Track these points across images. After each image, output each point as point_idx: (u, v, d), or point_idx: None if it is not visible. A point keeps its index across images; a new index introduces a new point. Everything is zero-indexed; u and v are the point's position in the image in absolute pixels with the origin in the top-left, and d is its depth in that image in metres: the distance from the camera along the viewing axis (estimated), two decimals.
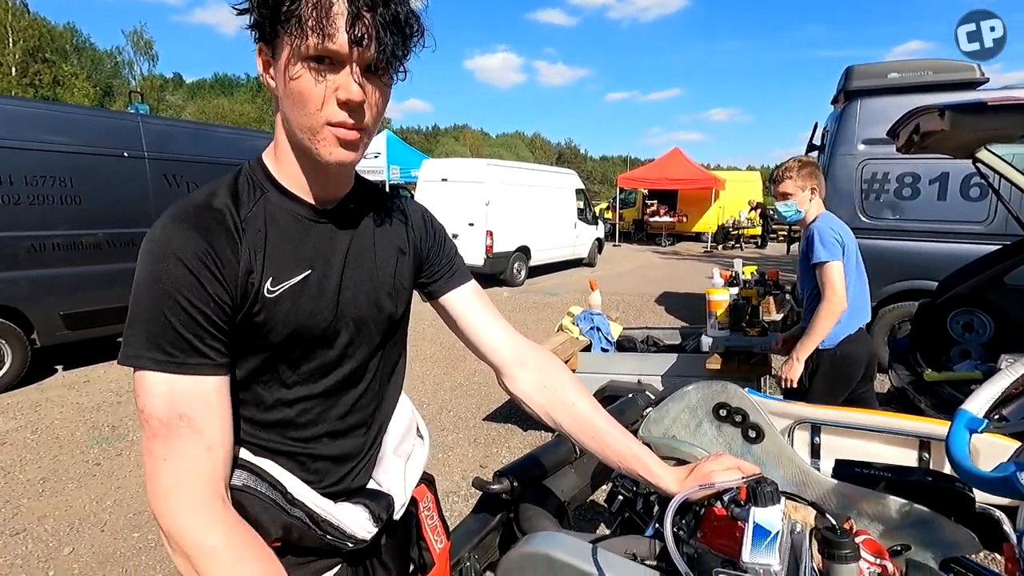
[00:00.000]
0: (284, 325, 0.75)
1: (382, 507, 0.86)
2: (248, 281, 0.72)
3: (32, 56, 29.50)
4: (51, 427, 4.12)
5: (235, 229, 0.72)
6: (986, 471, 0.81)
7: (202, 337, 0.68)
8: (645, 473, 0.91)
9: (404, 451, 0.96)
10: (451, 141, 58.87)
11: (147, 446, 0.67)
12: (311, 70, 0.67)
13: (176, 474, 0.66)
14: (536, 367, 0.98)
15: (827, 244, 2.35)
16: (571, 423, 0.95)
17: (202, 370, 0.68)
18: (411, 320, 1.02)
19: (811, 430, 1.68)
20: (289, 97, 0.69)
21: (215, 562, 0.65)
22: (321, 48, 0.65)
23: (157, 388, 0.67)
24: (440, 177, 10.55)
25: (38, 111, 5.09)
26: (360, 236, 0.84)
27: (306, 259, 0.77)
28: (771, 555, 0.65)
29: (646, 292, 9.74)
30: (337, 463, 0.85)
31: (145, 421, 0.67)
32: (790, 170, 2.46)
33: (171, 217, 0.70)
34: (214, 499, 0.67)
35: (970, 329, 3.64)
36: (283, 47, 0.67)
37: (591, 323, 4.05)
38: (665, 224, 19.46)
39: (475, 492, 1.07)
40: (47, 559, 2.62)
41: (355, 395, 0.86)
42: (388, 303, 0.87)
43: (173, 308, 0.67)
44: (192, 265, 0.67)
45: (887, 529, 1.07)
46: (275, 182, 0.78)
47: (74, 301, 5.07)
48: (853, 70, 5.00)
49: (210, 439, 0.68)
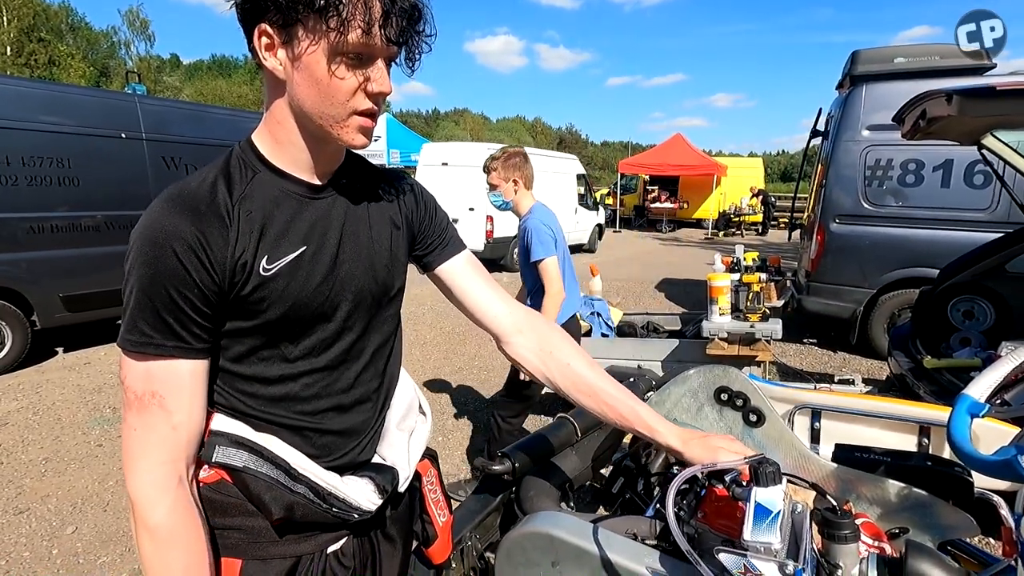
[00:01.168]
0: (282, 301, 0.76)
1: (387, 479, 0.89)
2: (240, 262, 0.73)
3: (27, 35, 29.06)
4: (52, 408, 4.14)
5: (227, 212, 0.73)
6: (987, 455, 0.81)
7: (183, 322, 0.71)
8: (644, 429, 0.93)
9: (407, 426, 0.98)
10: (451, 125, 58.40)
11: (124, 415, 0.73)
12: (347, 64, 0.69)
13: (142, 445, 0.72)
14: (533, 332, 1.01)
15: (543, 241, 2.50)
16: (568, 383, 0.98)
17: (177, 353, 0.71)
18: (411, 305, 1.03)
19: (811, 415, 1.69)
20: (316, 87, 0.70)
21: (149, 537, 0.71)
22: (361, 44, 0.68)
23: (136, 364, 0.71)
24: (440, 161, 10.49)
25: (35, 91, 5.03)
26: (354, 210, 0.85)
27: (301, 236, 0.78)
28: (772, 534, 0.65)
29: (647, 278, 9.73)
30: (343, 437, 0.87)
31: (124, 391, 0.73)
32: (496, 160, 2.59)
33: (163, 201, 0.72)
34: (170, 475, 0.72)
35: (971, 316, 3.64)
36: (309, 36, 0.68)
37: (591, 308, 4.06)
38: (666, 210, 19.38)
39: (477, 477, 1.08)
40: (51, 538, 2.65)
41: (357, 368, 0.88)
42: (385, 275, 0.88)
43: (159, 294, 0.69)
44: (180, 251, 0.69)
45: (886, 512, 1.08)
46: (267, 162, 0.78)
47: (74, 283, 5.05)
48: (859, 55, 4.94)
49: (177, 419, 0.72)
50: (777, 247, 13.21)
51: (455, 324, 6.25)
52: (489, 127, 63.38)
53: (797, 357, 5.35)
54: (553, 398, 3.98)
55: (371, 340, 0.89)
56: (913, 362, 3.39)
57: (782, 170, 65.66)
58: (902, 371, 3.37)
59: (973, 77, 4.34)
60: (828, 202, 5.13)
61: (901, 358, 3.50)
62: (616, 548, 0.79)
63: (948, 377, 3.01)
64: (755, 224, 18.67)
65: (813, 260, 5.28)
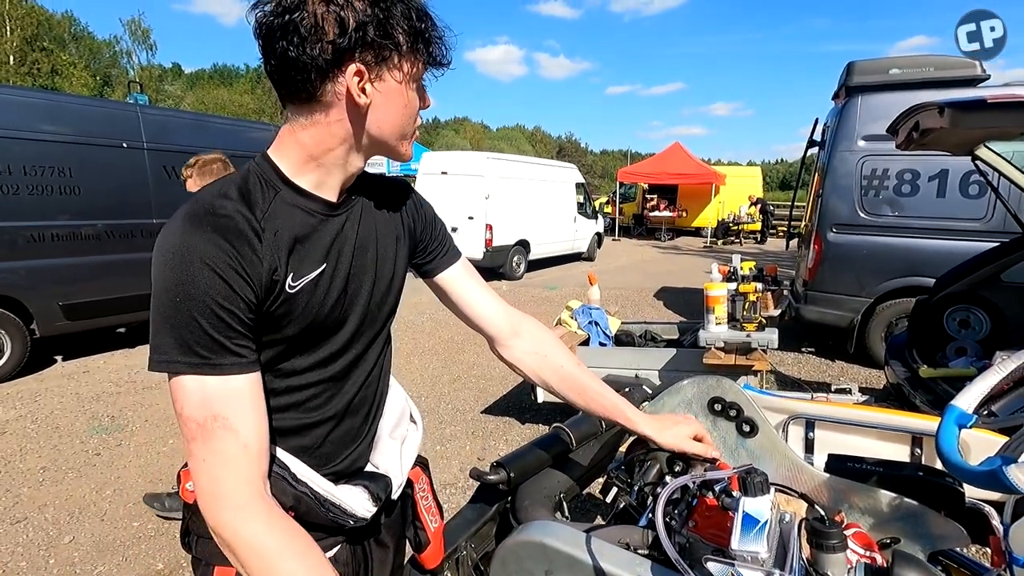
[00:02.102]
0: (302, 317, 0.79)
1: (381, 487, 0.91)
2: (272, 278, 0.75)
3: (30, 45, 29.26)
4: (51, 417, 4.13)
5: (253, 231, 0.73)
6: (973, 465, 0.82)
7: (232, 338, 0.71)
8: (624, 421, 1.04)
9: (399, 435, 1.01)
10: (451, 134, 58.64)
11: (188, 448, 0.70)
12: (417, 90, 0.81)
13: (214, 474, 0.69)
14: (529, 336, 1.08)
15: None
16: (560, 382, 1.06)
17: (234, 369, 0.71)
18: (411, 313, 1.07)
19: (805, 425, 1.70)
20: (404, 110, 0.80)
21: (258, 559, 0.68)
22: (421, 72, 0.80)
23: (192, 391, 0.69)
24: (440, 170, 10.53)
25: (37, 100, 5.07)
26: (364, 226, 0.88)
27: (322, 254, 0.81)
28: (759, 543, 0.66)
29: (645, 287, 9.75)
30: (341, 446, 0.90)
31: (184, 424, 0.70)
32: (189, 167, 2.64)
33: (187, 221, 0.71)
34: (253, 495, 0.70)
35: (966, 326, 3.66)
36: (396, 70, 0.76)
37: (589, 317, 4.06)
38: (665, 219, 19.42)
39: (473, 484, 1.09)
40: (47, 547, 2.64)
41: (360, 379, 0.91)
42: (387, 289, 0.92)
43: (204, 312, 0.68)
44: (220, 268, 0.69)
45: (878, 522, 1.09)
46: (288, 181, 0.80)
47: (73, 291, 5.07)
48: (854, 66, 4.99)
49: (245, 437, 0.71)
50: (775, 256, 13.26)
51: (453, 333, 6.25)
52: (489, 136, 63.67)
53: (795, 366, 5.36)
54: (550, 408, 3.98)
55: (373, 351, 0.93)
56: (909, 371, 3.40)
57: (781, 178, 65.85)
58: (899, 380, 3.38)
59: (967, 88, 4.39)
60: (825, 211, 5.16)
61: (898, 367, 3.51)
62: (608, 557, 0.80)
63: (944, 386, 3.02)
64: (753, 233, 18.71)
65: (810, 269, 5.30)
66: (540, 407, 4.09)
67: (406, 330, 6.48)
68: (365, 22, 0.71)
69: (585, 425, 1.20)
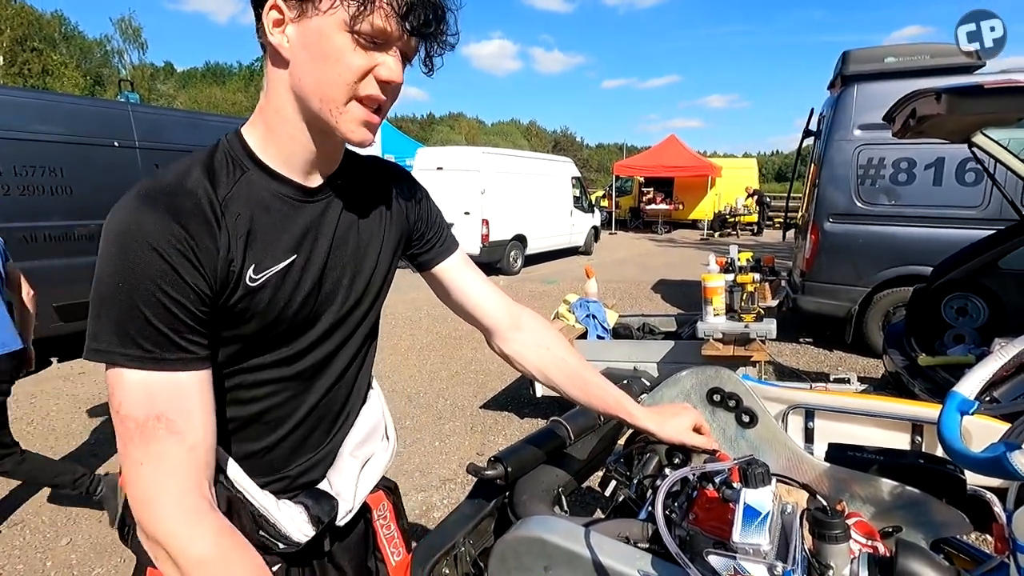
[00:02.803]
0: (264, 314, 0.71)
1: (323, 510, 0.82)
2: (229, 269, 0.67)
3: (20, 45, 29.01)
4: (47, 419, 4.11)
5: (213, 213, 0.66)
6: (976, 452, 0.81)
7: (180, 331, 0.63)
8: (626, 416, 1.01)
9: (363, 453, 0.92)
10: (446, 130, 58.45)
11: (123, 450, 0.63)
12: (359, 43, 0.64)
13: (155, 480, 0.62)
14: (530, 329, 1.03)
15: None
16: (562, 376, 1.02)
17: (181, 365, 0.64)
18: (408, 309, 1.02)
19: (805, 415, 1.69)
20: (323, 61, 0.64)
21: (204, 572, 0.61)
22: (381, 30, 0.63)
23: (134, 386, 0.62)
24: (435, 166, 10.49)
25: (28, 100, 5.02)
26: (346, 216, 0.80)
27: (292, 244, 0.73)
28: (761, 535, 0.65)
29: (642, 279, 9.74)
30: (292, 455, 0.81)
31: (120, 423, 0.62)
32: None
33: (140, 198, 0.63)
34: (198, 503, 0.63)
35: (964, 314, 3.66)
36: (323, 8, 0.62)
37: (587, 311, 4.05)
38: (662, 212, 19.43)
39: (471, 480, 1.07)
40: (45, 550, 2.63)
41: (327, 383, 0.83)
42: (368, 286, 0.84)
43: (148, 300, 0.61)
44: (167, 253, 0.61)
45: (879, 511, 1.08)
46: (257, 160, 0.72)
47: (67, 292, 5.01)
48: (850, 55, 4.97)
49: (192, 439, 0.64)
50: (772, 247, 13.26)
51: (452, 328, 6.24)
52: (484, 131, 63.47)
53: (793, 356, 5.36)
54: (549, 402, 3.97)
55: (345, 353, 0.85)
56: (908, 360, 3.40)
57: (777, 170, 65.84)
58: (897, 369, 3.38)
59: (964, 75, 4.37)
60: (821, 201, 5.15)
61: (896, 356, 3.51)
62: (608, 552, 0.79)
63: (942, 374, 3.02)
64: (750, 224, 18.72)
65: (807, 259, 5.30)
66: (539, 401, 4.08)
67: (404, 326, 6.47)
68: None
69: (583, 418, 1.19)
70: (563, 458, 1.16)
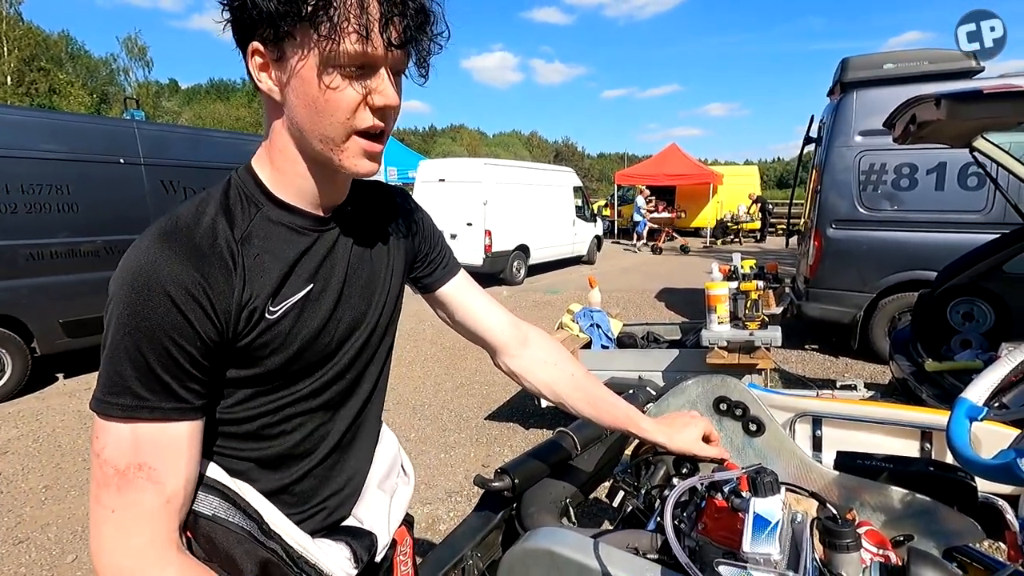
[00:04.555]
0: (285, 347, 0.71)
1: (364, 547, 0.81)
2: (247, 309, 0.66)
3: (28, 65, 29.46)
4: (53, 435, 4.12)
5: (230, 253, 0.65)
6: (986, 458, 0.81)
7: (182, 380, 0.62)
8: (636, 430, 1.02)
9: (389, 487, 0.92)
10: (448, 141, 58.81)
11: (95, 492, 0.61)
12: (344, 76, 0.62)
13: (123, 526, 0.60)
14: (537, 345, 1.04)
15: None
16: (571, 391, 1.02)
17: (177, 415, 0.62)
18: (411, 321, 1.02)
19: (812, 423, 1.68)
20: (312, 105, 0.63)
21: None
22: (360, 54, 0.60)
23: (121, 434, 0.60)
24: (438, 177, 10.55)
25: (35, 119, 5.09)
26: (359, 243, 0.80)
27: (308, 274, 0.73)
28: (771, 544, 0.64)
29: (646, 288, 9.73)
30: (323, 484, 0.81)
31: (99, 466, 0.60)
32: None
33: (158, 238, 0.63)
34: (166, 548, 0.62)
35: (970, 318, 3.64)
36: (300, 49, 0.61)
37: (591, 320, 4.05)
38: (663, 220, 19.43)
39: (478, 492, 1.07)
40: (51, 567, 2.62)
41: (354, 409, 0.83)
42: (383, 310, 0.85)
43: (154, 349, 0.60)
44: (181, 301, 0.60)
45: (890, 519, 1.07)
46: (270, 195, 0.72)
47: (73, 308, 5.06)
48: (849, 62, 4.99)
49: (171, 490, 0.62)
50: (775, 254, 13.24)
51: (455, 340, 6.22)
52: (486, 142, 63.86)
53: (799, 364, 5.33)
54: (554, 413, 3.95)
55: (367, 380, 0.85)
56: (915, 366, 3.38)
57: (778, 177, 65.92)
58: (904, 375, 3.36)
59: (963, 80, 4.39)
60: (824, 208, 5.15)
61: (902, 362, 3.49)
62: (617, 563, 0.78)
63: (950, 380, 2.99)
64: (753, 232, 18.68)
65: (811, 266, 5.29)
66: (544, 412, 4.07)
67: (407, 338, 6.46)
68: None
69: (589, 429, 1.18)
70: (570, 469, 1.16)
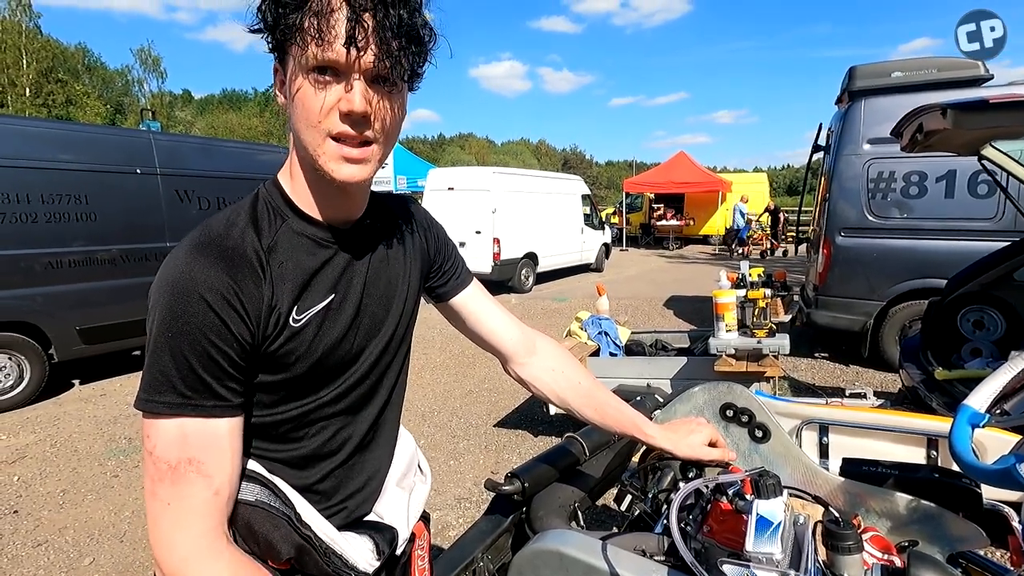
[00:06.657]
0: (309, 354, 0.74)
1: (386, 540, 0.86)
2: (274, 315, 0.70)
3: (45, 77, 30.11)
4: (69, 440, 4.19)
5: (259, 262, 0.70)
6: (987, 464, 0.82)
7: (221, 379, 0.66)
8: (640, 435, 1.04)
9: (407, 484, 0.97)
10: (457, 150, 59.17)
11: (151, 488, 0.65)
12: (313, 82, 0.65)
13: (179, 518, 0.65)
14: (545, 353, 1.07)
15: None
16: (578, 398, 1.05)
17: (218, 412, 0.67)
18: (421, 328, 1.04)
19: (819, 430, 1.69)
20: (295, 111, 0.67)
21: None
22: (321, 58, 0.63)
23: (169, 431, 0.65)
24: (447, 186, 10.62)
25: (54, 131, 5.20)
26: (377, 253, 0.84)
27: (330, 285, 0.77)
28: (773, 544, 0.67)
29: (654, 296, 9.72)
30: (344, 483, 0.85)
31: (152, 463, 0.65)
32: None
33: (192, 248, 0.67)
34: (218, 540, 0.67)
35: (981, 327, 3.61)
36: (291, 61, 0.66)
37: (599, 328, 4.07)
38: (672, 228, 19.40)
39: (488, 499, 1.09)
40: (68, 570, 2.67)
41: (374, 412, 0.87)
42: (401, 318, 0.88)
43: (195, 349, 0.64)
44: (217, 305, 0.65)
45: (895, 526, 1.08)
46: (294, 207, 0.76)
47: (90, 316, 5.15)
48: (856, 70, 5.00)
49: (218, 482, 0.67)
50: (783, 262, 13.17)
51: (464, 347, 6.26)
52: (494, 151, 64.16)
53: (809, 371, 5.31)
54: (562, 420, 3.97)
55: (386, 385, 0.89)
56: (925, 374, 3.36)
57: (788, 184, 65.61)
58: (914, 383, 3.34)
59: (971, 89, 4.39)
60: (833, 216, 5.15)
61: (912, 370, 3.47)
62: (625, 564, 0.80)
63: (960, 388, 2.98)
64: (759, 244, 17.31)
65: (820, 274, 5.28)
66: (552, 419, 4.08)
67: (417, 345, 6.44)
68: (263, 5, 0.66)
69: (597, 435, 1.21)
70: (579, 474, 1.18)
